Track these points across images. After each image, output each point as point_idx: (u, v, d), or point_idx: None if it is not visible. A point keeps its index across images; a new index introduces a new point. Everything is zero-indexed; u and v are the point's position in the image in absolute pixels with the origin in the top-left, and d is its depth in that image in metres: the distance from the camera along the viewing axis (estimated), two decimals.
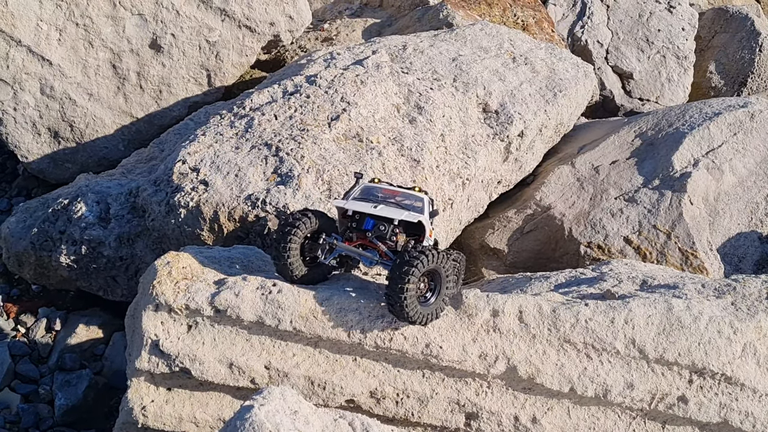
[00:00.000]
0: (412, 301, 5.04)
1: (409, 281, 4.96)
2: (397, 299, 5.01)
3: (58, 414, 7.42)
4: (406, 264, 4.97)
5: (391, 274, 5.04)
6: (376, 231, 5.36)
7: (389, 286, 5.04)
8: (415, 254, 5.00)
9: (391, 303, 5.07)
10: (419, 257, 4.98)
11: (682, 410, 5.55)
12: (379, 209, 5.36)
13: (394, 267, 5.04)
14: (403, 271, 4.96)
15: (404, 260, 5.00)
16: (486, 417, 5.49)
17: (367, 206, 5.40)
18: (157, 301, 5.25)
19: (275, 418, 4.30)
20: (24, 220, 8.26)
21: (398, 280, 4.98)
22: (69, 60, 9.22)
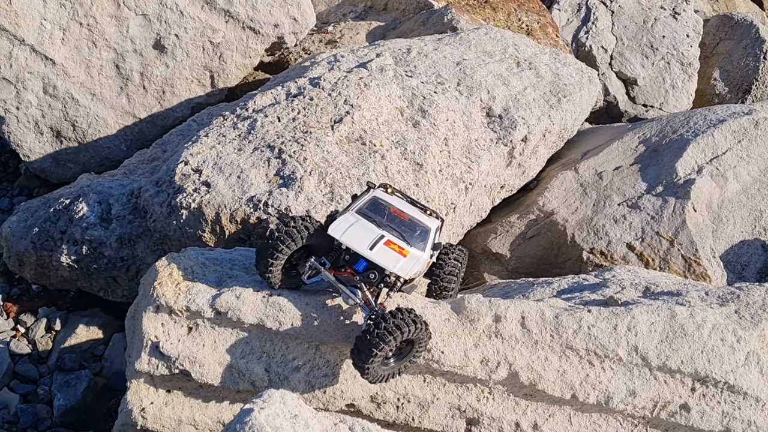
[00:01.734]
0: (374, 367, 4.94)
1: (376, 355, 4.85)
2: (360, 361, 4.92)
3: (57, 414, 7.39)
4: (378, 337, 4.83)
5: (364, 336, 4.89)
6: (365, 277, 5.18)
7: (359, 343, 4.91)
8: (391, 328, 4.82)
9: (354, 358, 4.97)
10: (393, 333, 4.81)
11: (685, 418, 5.52)
12: (375, 252, 5.15)
13: (368, 331, 4.88)
14: (374, 343, 4.83)
15: (377, 331, 4.84)
16: (487, 423, 5.46)
17: (364, 241, 5.20)
18: (158, 303, 5.23)
19: (275, 421, 4.27)
20: (25, 219, 8.24)
21: (368, 348, 4.85)
22: (72, 59, 9.20)
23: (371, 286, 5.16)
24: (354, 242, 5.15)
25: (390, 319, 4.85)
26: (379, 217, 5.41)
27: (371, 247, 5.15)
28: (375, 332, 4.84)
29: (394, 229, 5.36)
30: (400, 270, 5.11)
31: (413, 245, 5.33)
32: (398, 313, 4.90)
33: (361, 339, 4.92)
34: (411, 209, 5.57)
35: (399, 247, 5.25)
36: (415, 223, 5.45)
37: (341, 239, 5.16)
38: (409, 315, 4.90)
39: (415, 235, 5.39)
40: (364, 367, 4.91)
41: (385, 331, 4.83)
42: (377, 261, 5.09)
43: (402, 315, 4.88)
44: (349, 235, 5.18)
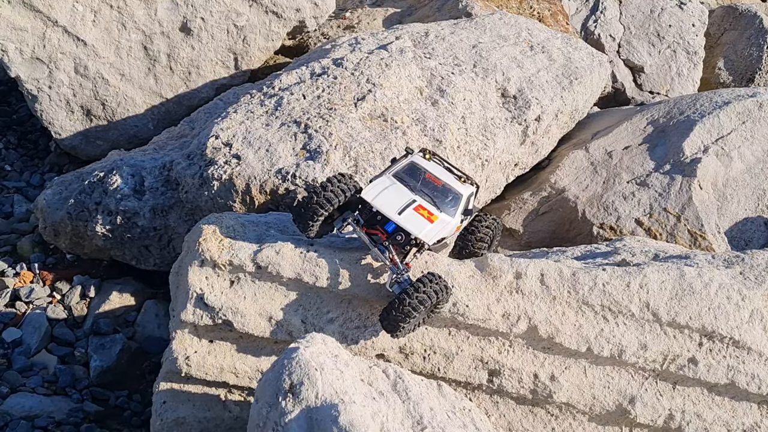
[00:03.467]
0: (402, 333, 5.34)
1: (403, 327, 5.26)
2: (392, 328, 5.31)
3: (93, 375, 7.77)
4: (405, 312, 5.19)
5: (395, 305, 5.25)
6: (393, 238, 5.50)
7: (390, 312, 5.27)
8: (415, 304, 5.18)
9: (387, 327, 5.35)
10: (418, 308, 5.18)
11: (692, 371, 5.89)
12: (404, 217, 5.46)
13: (399, 300, 5.24)
14: (401, 318, 5.21)
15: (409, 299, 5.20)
16: (507, 374, 5.84)
17: (394, 205, 5.51)
18: (203, 258, 5.60)
19: (319, 358, 4.65)
20: (60, 192, 8.61)
21: (400, 315, 5.22)
22: (103, 41, 9.58)
23: (398, 247, 5.51)
24: (384, 206, 5.48)
25: (414, 295, 5.21)
26: (414, 181, 5.73)
27: (400, 212, 5.48)
28: (401, 307, 5.21)
29: (427, 194, 5.68)
30: (425, 236, 5.44)
31: (443, 210, 5.65)
32: (421, 285, 5.25)
33: (391, 305, 5.29)
34: (446, 175, 5.85)
35: (428, 213, 5.57)
36: (447, 189, 5.75)
37: (373, 203, 5.50)
38: (432, 285, 5.26)
39: (446, 201, 5.70)
40: (393, 333, 5.34)
41: (410, 307, 5.20)
42: (404, 226, 5.43)
43: (425, 287, 5.23)
44: (380, 199, 5.52)
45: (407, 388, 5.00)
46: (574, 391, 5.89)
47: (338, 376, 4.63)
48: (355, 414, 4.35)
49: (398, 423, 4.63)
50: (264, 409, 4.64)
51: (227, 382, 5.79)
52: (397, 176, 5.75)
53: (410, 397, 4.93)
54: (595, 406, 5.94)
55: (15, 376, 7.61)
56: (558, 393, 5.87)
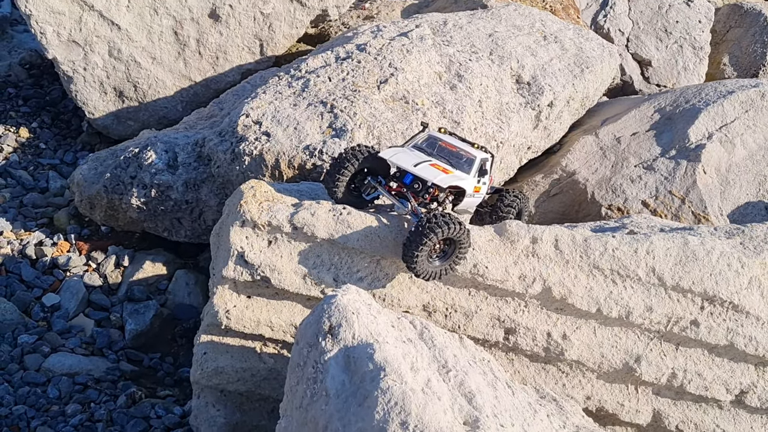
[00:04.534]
0: (422, 261, 5.73)
1: (421, 248, 5.65)
2: (409, 257, 5.72)
3: (129, 338, 8.24)
4: (422, 233, 5.62)
5: (411, 235, 5.69)
6: (411, 188, 6.02)
7: (407, 243, 5.71)
8: (433, 225, 5.61)
9: (405, 257, 5.76)
10: (435, 230, 5.59)
11: (694, 333, 6.34)
12: (419, 168, 5.96)
13: (414, 229, 5.68)
14: (419, 238, 5.63)
15: (422, 227, 5.64)
16: (522, 332, 6.29)
17: (410, 161, 6.00)
18: (244, 218, 6.06)
19: (355, 304, 5.11)
20: (95, 167, 9.08)
21: (414, 242, 5.66)
22: (136, 25, 10.05)
23: (417, 197, 6.01)
24: (401, 161, 6.03)
25: (433, 220, 5.67)
26: (431, 149, 6.24)
27: (416, 165, 5.99)
28: (421, 230, 5.66)
29: (443, 158, 6.19)
30: (440, 181, 5.93)
31: (458, 169, 6.14)
32: (441, 216, 5.71)
33: (410, 234, 5.75)
34: (461, 143, 6.35)
35: (443, 168, 6.07)
36: (462, 153, 6.25)
37: (390, 159, 6.06)
38: (443, 218, 5.70)
39: (461, 162, 6.19)
40: (413, 257, 5.72)
41: (429, 229, 5.64)
42: (419, 173, 5.94)
43: (444, 217, 5.69)
44: (397, 156, 6.08)
45: (432, 336, 5.45)
46: (584, 349, 6.34)
47: (372, 320, 5.09)
48: (389, 352, 4.80)
49: (426, 364, 5.07)
50: (305, 350, 5.09)
51: (263, 335, 6.25)
52: (416, 146, 6.27)
53: (436, 344, 5.38)
54: (603, 364, 6.39)
55: (55, 337, 8.08)
56: (569, 351, 6.32)
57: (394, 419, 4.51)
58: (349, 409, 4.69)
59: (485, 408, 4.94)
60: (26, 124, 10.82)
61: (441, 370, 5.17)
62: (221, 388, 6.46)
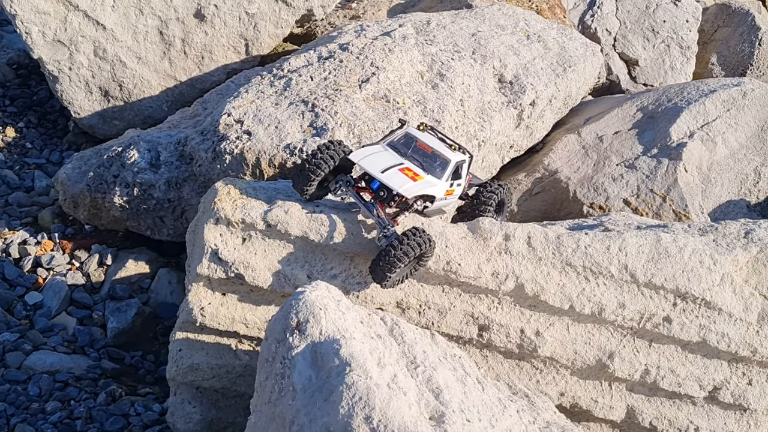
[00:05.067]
0: (389, 283, 5.82)
1: (394, 271, 5.71)
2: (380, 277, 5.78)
3: (110, 336, 8.28)
4: (395, 256, 5.64)
5: (383, 257, 5.70)
6: (377, 194, 5.97)
7: (378, 264, 5.74)
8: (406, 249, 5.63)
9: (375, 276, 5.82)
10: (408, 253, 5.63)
11: (667, 329, 6.38)
12: (386, 175, 5.89)
13: (386, 252, 5.69)
14: (392, 262, 5.66)
15: (395, 251, 5.64)
16: (496, 329, 6.33)
17: (379, 166, 5.94)
18: (218, 216, 6.10)
19: (323, 300, 5.15)
20: (79, 166, 9.12)
21: (387, 266, 5.69)
22: (121, 25, 10.09)
23: (384, 204, 5.98)
24: (369, 165, 5.98)
25: (399, 247, 5.66)
26: (406, 149, 6.22)
27: (383, 171, 5.95)
28: (394, 253, 5.67)
29: (416, 160, 6.16)
30: (405, 191, 5.89)
31: (430, 173, 6.12)
32: (405, 238, 5.70)
33: (382, 256, 5.77)
34: (437, 143, 6.31)
35: (414, 173, 6.04)
36: (436, 155, 6.21)
37: (359, 163, 6.01)
38: (415, 238, 5.70)
39: (434, 165, 6.17)
40: (383, 278, 5.80)
41: (403, 253, 5.67)
42: (386, 181, 5.90)
43: (409, 240, 5.68)
44: (367, 160, 6.02)
45: (403, 333, 5.50)
46: (558, 346, 6.39)
47: (340, 316, 5.13)
48: (355, 348, 4.85)
49: (394, 360, 5.11)
50: (273, 345, 5.13)
51: (238, 332, 6.29)
52: (391, 145, 6.25)
53: (405, 340, 5.43)
54: (576, 361, 6.43)
55: (37, 335, 8.13)
56: (542, 347, 6.36)
57: (359, 414, 4.56)
58: (315, 404, 4.73)
59: (452, 403, 4.98)
60: (12, 124, 10.87)
61: (409, 366, 5.21)
62: (197, 385, 6.51)
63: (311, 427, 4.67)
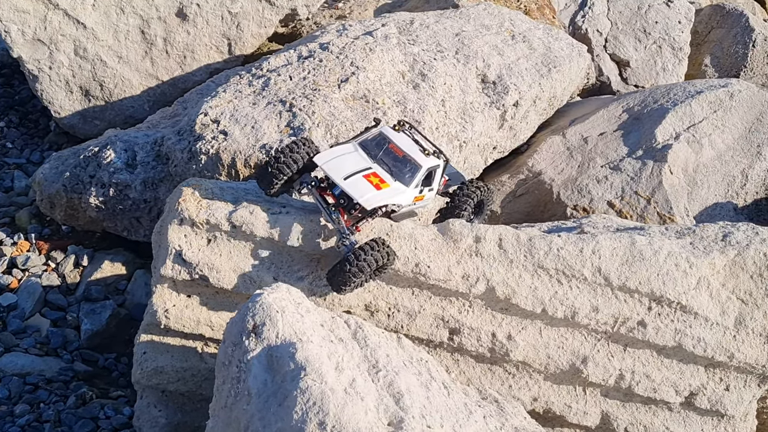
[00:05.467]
0: (344, 292, 5.74)
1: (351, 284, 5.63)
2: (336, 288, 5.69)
3: (84, 338, 8.17)
4: (351, 272, 5.55)
5: (340, 268, 5.60)
6: (338, 202, 5.77)
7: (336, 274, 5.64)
8: (362, 265, 5.52)
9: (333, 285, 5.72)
10: (364, 270, 5.54)
11: (642, 334, 6.25)
12: (348, 182, 5.67)
13: (341, 264, 5.59)
14: (349, 276, 5.57)
15: (351, 265, 5.54)
16: (467, 332, 6.21)
17: (343, 171, 5.72)
18: (182, 216, 5.99)
19: (281, 303, 5.04)
20: (57, 166, 9.02)
21: (344, 279, 5.60)
22: (102, 24, 9.99)
23: (345, 211, 5.78)
24: (332, 171, 5.75)
25: (355, 262, 5.54)
26: (377, 149, 6.01)
27: (347, 177, 5.73)
28: (350, 268, 5.56)
29: (386, 164, 5.94)
30: (365, 201, 5.67)
31: (399, 179, 5.89)
32: (362, 253, 5.56)
33: (333, 273, 5.68)
34: (410, 147, 6.04)
35: (379, 180, 5.81)
36: (408, 159, 5.95)
37: (323, 166, 5.78)
38: (373, 252, 5.57)
39: (404, 170, 5.92)
40: (340, 290, 5.72)
41: (351, 274, 5.57)
42: (346, 189, 5.68)
43: (366, 255, 5.55)
44: (331, 163, 5.79)
45: (366, 336, 5.38)
46: (530, 350, 6.26)
47: (298, 319, 5.01)
48: (311, 352, 4.73)
49: (354, 365, 5.00)
50: (229, 348, 5.02)
51: (203, 335, 6.18)
52: (363, 144, 6.04)
53: (368, 344, 5.31)
54: (549, 365, 6.31)
55: (9, 337, 8.02)
56: (514, 352, 6.24)
57: (312, 419, 4.44)
58: (269, 409, 4.62)
59: (413, 408, 4.86)
60: None
61: (371, 370, 5.09)
62: (162, 389, 6.39)
63: None
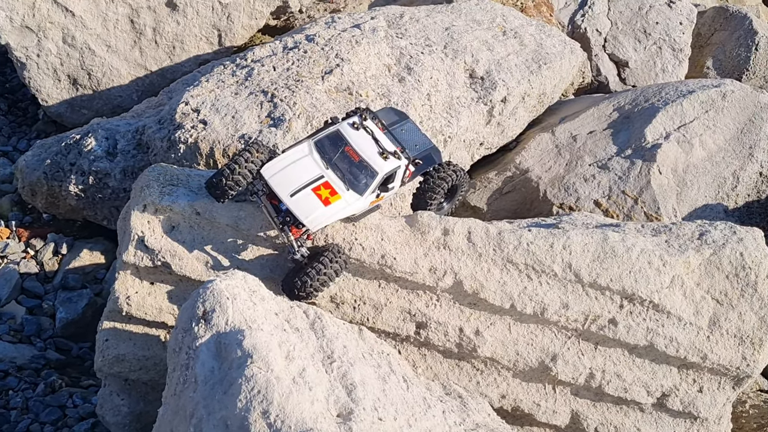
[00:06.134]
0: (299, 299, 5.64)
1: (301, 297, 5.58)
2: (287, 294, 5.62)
3: (59, 326, 8.11)
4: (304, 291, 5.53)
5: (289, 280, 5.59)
6: (285, 219, 5.55)
7: (286, 280, 5.63)
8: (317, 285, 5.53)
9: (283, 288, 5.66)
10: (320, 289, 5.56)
11: (612, 332, 6.13)
12: (294, 199, 5.47)
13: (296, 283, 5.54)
14: (299, 294, 5.54)
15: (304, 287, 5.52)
16: (434, 327, 6.09)
17: (289, 186, 5.52)
18: (145, 202, 5.90)
19: (234, 290, 4.95)
20: (39, 154, 8.97)
21: (291, 290, 5.57)
22: (90, 12, 9.93)
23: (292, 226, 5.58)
24: (279, 186, 5.54)
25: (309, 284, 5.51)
26: (332, 153, 5.75)
27: (293, 193, 5.52)
28: (295, 289, 5.54)
29: (339, 170, 5.70)
30: (310, 222, 5.51)
31: (352, 188, 5.66)
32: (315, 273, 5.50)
33: (285, 283, 5.64)
34: (369, 148, 5.77)
35: (330, 192, 5.59)
36: (364, 165, 5.71)
37: (269, 181, 5.57)
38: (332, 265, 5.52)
39: (359, 177, 5.69)
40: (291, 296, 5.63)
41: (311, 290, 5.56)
42: (292, 209, 5.49)
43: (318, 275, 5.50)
44: (279, 176, 5.57)
45: (324, 327, 5.28)
46: (498, 346, 6.14)
47: (250, 306, 4.92)
48: (260, 339, 4.64)
49: (308, 354, 4.90)
50: (180, 335, 4.93)
51: (166, 323, 6.08)
52: (319, 144, 5.79)
53: (325, 335, 5.21)
54: (518, 362, 6.19)
55: None
56: (482, 347, 6.12)
57: (256, 408, 4.35)
58: (214, 397, 4.53)
59: (365, 400, 4.77)
60: None
61: (325, 361, 5.00)
62: (124, 377, 6.31)
63: (209, 420, 4.46)
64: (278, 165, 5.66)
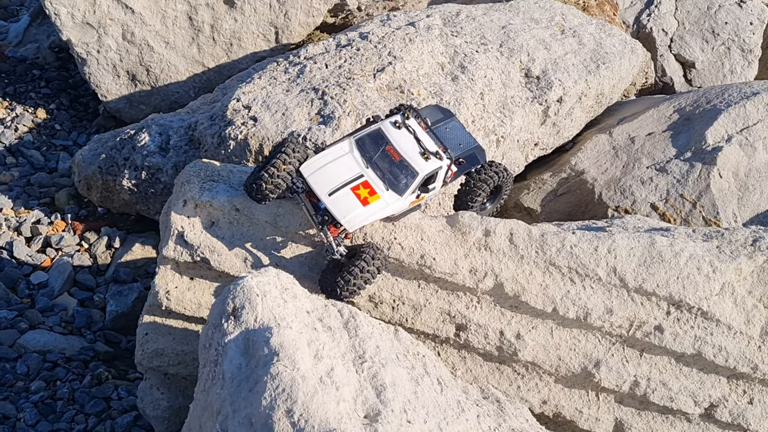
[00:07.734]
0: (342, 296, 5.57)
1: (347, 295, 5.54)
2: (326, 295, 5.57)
3: (108, 319, 8.20)
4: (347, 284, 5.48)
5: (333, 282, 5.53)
6: (323, 218, 5.49)
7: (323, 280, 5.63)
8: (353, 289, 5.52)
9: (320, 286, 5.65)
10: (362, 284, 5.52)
11: (658, 339, 5.94)
12: (332, 198, 5.41)
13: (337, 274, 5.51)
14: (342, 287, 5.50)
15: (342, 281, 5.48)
16: (474, 329, 5.98)
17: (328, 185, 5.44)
18: (185, 198, 5.92)
19: (264, 287, 4.91)
20: (95, 149, 9.10)
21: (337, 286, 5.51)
22: (150, 9, 10.04)
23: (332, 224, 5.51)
24: (318, 185, 5.47)
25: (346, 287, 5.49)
26: (373, 151, 5.65)
27: (332, 192, 5.45)
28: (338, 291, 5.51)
29: (380, 170, 5.61)
30: (348, 222, 5.43)
31: (392, 188, 5.57)
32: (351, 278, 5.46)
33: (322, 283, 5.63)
34: (409, 149, 5.67)
35: (369, 192, 5.50)
36: (404, 165, 5.62)
37: (308, 179, 5.50)
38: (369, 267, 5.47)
39: (399, 177, 5.60)
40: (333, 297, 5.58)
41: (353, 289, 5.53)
42: (329, 208, 5.42)
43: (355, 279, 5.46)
44: (318, 175, 5.50)
45: (357, 326, 5.21)
46: (540, 350, 6.00)
47: (280, 304, 4.88)
48: (287, 337, 4.59)
49: (338, 354, 4.84)
50: (210, 331, 4.92)
51: (205, 319, 6.06)
52: (359, 142, 5.70)
53: (358, 334, 5.14)
54: (560, 368, 6.04)
55: (36, 314, 8.10)
56: (523, 351, 5.99)
57: (281, 406, 4.31)
58: (240, 394, 4.50)
59: (394, 402, 4.69)
60: (44, 105, 10.94)
61: (356, 361, 4.93)
62: (164, 371, 6.33)
63: (234, 417, 4.43)
64: (318, 163, 5.60)
